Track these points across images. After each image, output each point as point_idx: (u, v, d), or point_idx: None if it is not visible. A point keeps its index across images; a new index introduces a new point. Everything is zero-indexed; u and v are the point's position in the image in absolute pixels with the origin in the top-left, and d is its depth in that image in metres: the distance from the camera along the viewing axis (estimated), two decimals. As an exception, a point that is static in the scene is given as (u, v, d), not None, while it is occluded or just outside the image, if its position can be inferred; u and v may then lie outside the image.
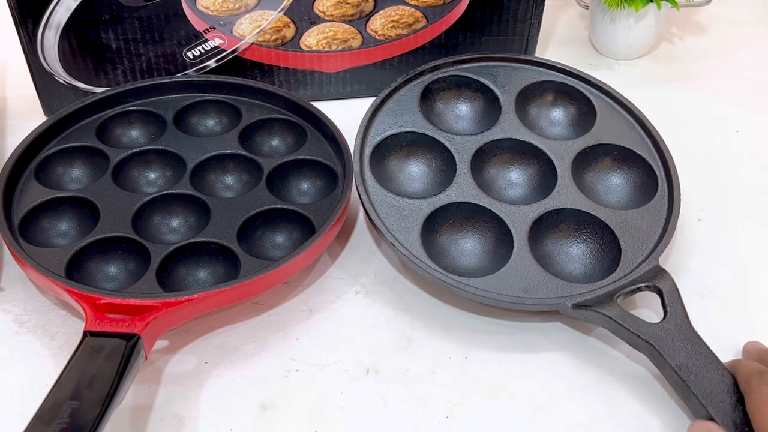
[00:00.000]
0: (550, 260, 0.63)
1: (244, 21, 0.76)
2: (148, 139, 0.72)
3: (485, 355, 0.59)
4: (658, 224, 0.63)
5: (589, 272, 0.62)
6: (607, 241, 0.63)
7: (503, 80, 0.75)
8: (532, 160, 0.69)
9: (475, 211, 0.65)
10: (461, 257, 0.64)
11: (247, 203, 0.65)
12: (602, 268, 0.62)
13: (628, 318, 0.56)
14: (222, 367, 0.58)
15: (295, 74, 0.81)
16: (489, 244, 0.64)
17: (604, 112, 0.72)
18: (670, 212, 0.64)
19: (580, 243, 0.64)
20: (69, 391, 0.49)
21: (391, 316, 0.62)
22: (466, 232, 0.65)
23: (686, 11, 0.99)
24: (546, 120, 0.74)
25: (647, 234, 0.63)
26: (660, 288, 0.58)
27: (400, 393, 0.57)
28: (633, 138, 0.70)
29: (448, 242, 0.64)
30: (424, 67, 0.74)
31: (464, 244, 0.64)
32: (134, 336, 0.53)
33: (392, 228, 0.62)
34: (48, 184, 0.67)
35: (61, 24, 0.73)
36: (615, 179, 0.68)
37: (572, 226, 0.64)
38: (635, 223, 0.63)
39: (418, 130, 0.70)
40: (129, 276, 0.61)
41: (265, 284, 0.59)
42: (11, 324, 0.60)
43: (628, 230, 0.63)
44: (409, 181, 0.69)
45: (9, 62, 0.85)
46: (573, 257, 0.63)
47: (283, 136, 0.74)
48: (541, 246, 0.63)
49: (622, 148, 0.69)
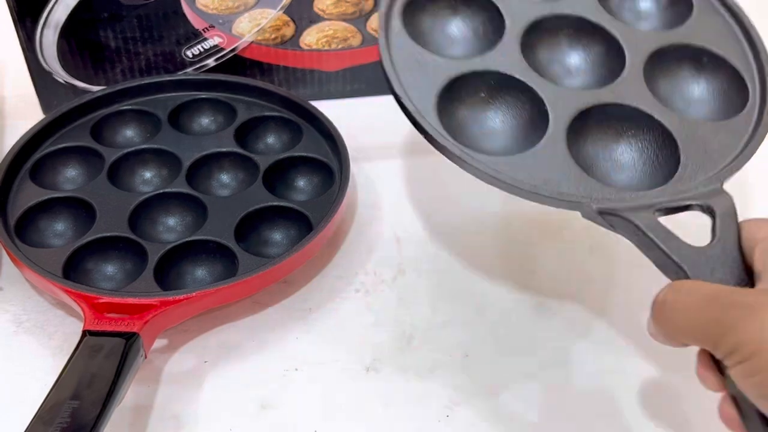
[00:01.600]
0: (591, 162, 0.53)
1: (244, 19, 0.76)
2: (143, 138, 0.72)
3: (486, 354, 0.59)
4: (735, 144, 0.52)
5: (635, 184, 0.52)
6: (666, 152, 0.53)
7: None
8: (598, 45, 0.58)
9: (509, 85, 0.54)
10: (482, 138, 0.53)
11: (244, 201, 0.65)
12: (652, 183, 0.51)
13: (661, 231, 0.45)
14: (221, 366, 0.58)
15: (295, 73, 0.81)
16: (519, 129, 0.54)
17: (702, 8, 0.59)
18: (755, 133, 0.52)
19: (632, 149, 0.54)
20: (69, 390, 0.49)
21: (391, 314, 0.62)
22: (495, 110, 0.55)
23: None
24: (630, 12, 0.61)
25: (719, 153, 0.51)
26: (713, 208, 0.47)
27: (400, 392, 0.56)
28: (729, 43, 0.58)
29: (469, 117, 0.54)
30: None
31: (489, 123, 0.54)
32: (133, 335, 0.53)
33: (406, 82, 0.53)
34: (43, 184, 0.66)
35: (59, 23, 0.73)
36: (696, 89, 0.57)
37: (627, 127, 0.54)
38: (707, 137, 0.52)
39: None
40: (126, 275, 0.61)
41: (263, 281, 0.59)
42: (9, 324, 0.60)
43: (695, 143, 0.52)
44: (446, 42, 0.58)
45: (7, 61, 0.85)
46: (619, 163, 0.53)
47: (278, 134, 0.73)
48: (582, 141, 0.53)
49: (713, 54, 0.57)
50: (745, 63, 0.57)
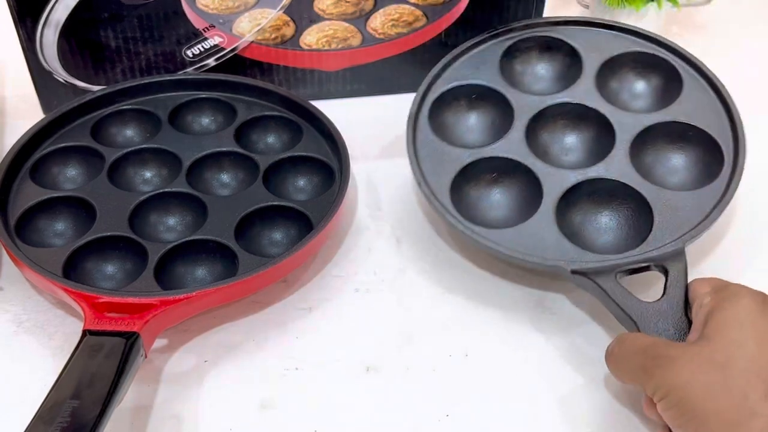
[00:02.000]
0: (574, 226, 0.61)
1: (244, 19, 0.76)
2: (143, 138, 0.72)
3: (486, 353, 0.59)
4: (703, 211, 0.59)
5: (614, 246, 0.60)
6: (643, 219, 0.60)
7: (591, 46, 0.71)
8: (592, 128, 0.67)
9: (513, 168, 0.63)
10: (488, 210, 0.63)
11: (244, 201, 0.65)
12: (630, 245, 0.59)
13: (618, 291, 0.55)
14: (221, 365, 0.58)
15: (295, 73, 0.81)
16: (519, 203, 0.63)
17: (691, 88, 0.67)
18: (721, 201, 0.59)
19: (614, 216, 0.62)
20: (69, 390, 0.49)
21: (391, 314, 0.62)
22: (500, 188, 0.64)
23: (687, 11, 0.98)
24: (628, 93, 0.70)
25: (687, 218, 0.59)
26: (667, 269, 0.56)
27: (400, 391, 0.56)
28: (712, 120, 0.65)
29: (479, 195, 0.64)
30: (514, 25, 0.73)
31: (494, 199, 0.64)
32: (134, 334, 0.53)
33: (426, 169, 0.63)
34: (43, 184, 0.67)
35: (60, 22, 0.73)
36: (678, 159, 0.64)
37: (610, 198, 0.62)
38: (679, 204, 0.60)
39: (486, 84, 0.69)
40: (126, 275, 0.61)
41: (263, 281, 0.59)
42: (10, 324, 0.60)
43: (669, 210, 0.60)
44: (466, 132, 0.69)
45: (8, 61, 0.85)
46: (603, 229, 0.62)
47: (278, 133, 0.73)
48: (570, 212, 0.61)
49: (697, 128, 0.64)
50: (724, 136, 0.64)
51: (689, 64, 0.69)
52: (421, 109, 0.68)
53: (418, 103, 0.68)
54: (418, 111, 0.67)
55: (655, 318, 0.53)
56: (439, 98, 0.69)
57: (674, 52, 0.70)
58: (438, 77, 0.70)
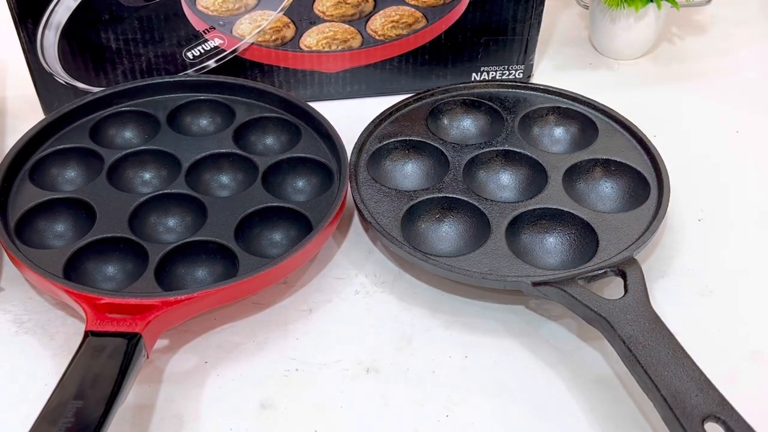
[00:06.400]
0: (526, 251, 0.65)
1: (244, 21, 0.76)
2: (142, 140, 0.73)
3: (486, 354, 0.59)
4: (641, 226, 0.64)
5: (565, 264, 0.64)
6: (588, 238, 0.64)
7: (510, 104, 0.78)
8: (524, 168, 0.71)
9: (458, 206, 0.67)
10: (438, 243, 0.66)
11: (244, 202, 0.65)
12: (579, 263, 0.63)
13: (584, 293, 0.57)
14: (222, 366, 0.58)
15: (295, 74, 0.81)
16: (468, 235, 0.66)
17: (605, 131, 0.74)
18: (655, 217, 0.64)
19: (559, 238, 0.66)
20: (73, 390, 0.49)
21: (391, 315, 0.62)
22: (448, 223, 0.67)
23: (686, 11, 0.99)
24: (549, 139, 0.76)
25: (628, 234, 0.64)
26: (624, 271, 0.59)
27: (400, 392, 0.57)
28: (630, 153, 0.71)
29: (427, 230, 0.66)
30: (435, 89, 0.78)
31: (443, 232, 0.67)
32: (136, 335, 0.53)
33: (374, 210, 0.65)
34: (43, 185, 0.67)
35: (60, 24, 0.73)
36: (607, 188, 0.70)
37: (553, 223, 0.66)
38: (619, 223, 0.65)
39: (420, 138, 0.73)
40: (127, 276, 0.61)
41: (263, 281, 0.59)
42: (11, 324, 0.60)
43: (610, 229, 0.64)
44: (403, 178, 0.72)
45: (9, 62, 0.85)
46: (550, 250, 0.65)
47: (277, 135, 0.74)
48: (518, 237, 0.65)
49: (617, 162, 0.70)
50: (645, 166, 0.70)
51: (602, 113, 0.76)
52: (359, 163, 0.70)
53: (356, 157, 0.70)
54: (357, 163, 0.70)
55: (623, 312, 0.56)
56: (376, 151, 0.71)
57: (588, 105, 0.77)
58: (371, 134, 0.73)
